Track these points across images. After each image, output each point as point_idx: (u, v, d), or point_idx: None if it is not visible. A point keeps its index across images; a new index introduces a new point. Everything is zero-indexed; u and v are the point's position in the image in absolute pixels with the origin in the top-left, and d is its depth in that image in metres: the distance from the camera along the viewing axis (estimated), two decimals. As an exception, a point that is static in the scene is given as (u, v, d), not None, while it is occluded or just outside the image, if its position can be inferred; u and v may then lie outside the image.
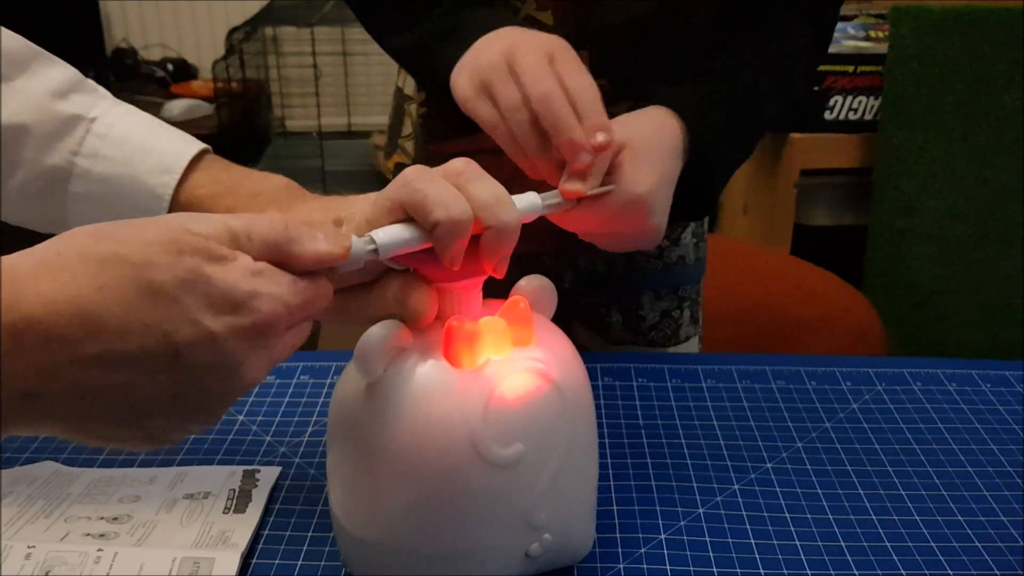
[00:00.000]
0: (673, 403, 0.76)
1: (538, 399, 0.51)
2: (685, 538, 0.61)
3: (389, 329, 0.49)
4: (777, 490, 0.65)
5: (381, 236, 0.48)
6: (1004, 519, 0.63)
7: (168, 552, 0.57)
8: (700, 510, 0.63)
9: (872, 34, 1.74)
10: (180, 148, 0.63)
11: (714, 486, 0.66)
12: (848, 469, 0.68)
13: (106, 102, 0.64)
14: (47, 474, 0.65)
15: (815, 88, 1.67)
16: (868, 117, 1.69)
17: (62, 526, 0.60)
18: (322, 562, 0.58)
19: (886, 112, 1.66)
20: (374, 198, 0.51)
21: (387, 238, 0.48)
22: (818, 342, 1.33)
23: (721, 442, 0.70)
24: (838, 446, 0.70)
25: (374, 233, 0.48)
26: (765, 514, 0.63)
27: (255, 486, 0.64)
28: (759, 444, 0.70)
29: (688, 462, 0.68)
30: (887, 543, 0.61)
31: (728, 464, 0.68)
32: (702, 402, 0.76)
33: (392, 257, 0.49)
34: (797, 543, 0.60)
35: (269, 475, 0.66)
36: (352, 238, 0.47)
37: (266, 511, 0.62)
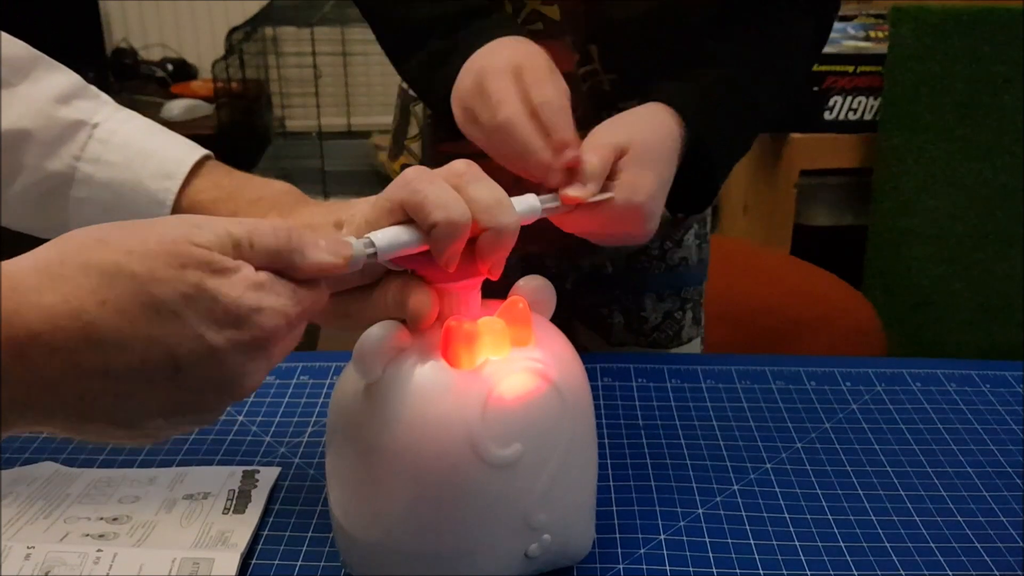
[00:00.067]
0: (673, 403, 0.76)
1: (537, 399, 0.51)
2: (685, 538, 0.61)
3: (388, 330, 0.49)
4: (776, 490, 0.65)
5: (380, 238, 0.48)
6: (1003, 519, 0.63)
7: (168, 553, 0.57)
8: (700, 510, 0.63)
9: (872, 34, 1.74)
10: (182, 153, 0.63)
11: (713, 486, 0.66)
12: (847, 470, 0.68)
13: (108, 108, 0.65)
14: (47, 474, 0.65)
15: (815, 88, 1.67)
16: (868, 117, 1.69)
17: (62, 526, 0.60)
18: (321, 562, 0.58)
19: (886, 112, 1.66)
20: (374, 200, 0.51)
21: (386, 240, 0.48)
22: (818, 342, 1.33)
23: (721, 442, 0.71)
24: (837, 446, 0.70)
25: (373, 235, 0.48)
26: (764, 514, 0.63)
27: (255, 486, 0.64)
28: (759, 444, 0.70)
29: (688, 462, 0.68)
30: (886, 543, 0.61)
31: (728, 464, 0.68)
32: (702, 402, 0.76)
33: (391, 259, 0.49)
34: (796, 543, 0.60)
35: (269, 475, 0.66)
36: (351, 240, 0.47)
37: (266, 511, 0.62)
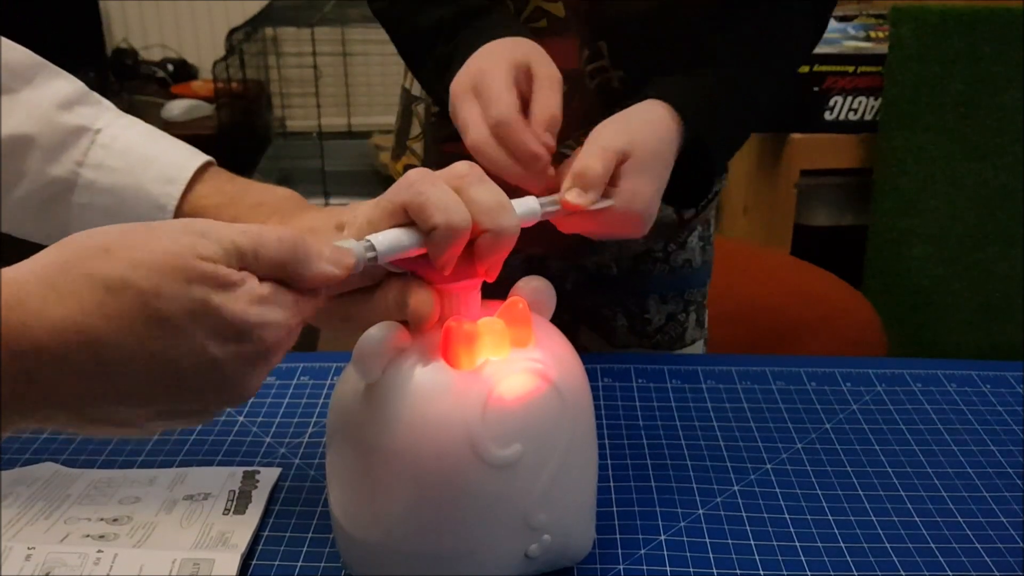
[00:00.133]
0: (673, 404, 0.76)
1: (537, 400, 0.51)
2: (685, 539, 0.61)
3: (388, 330, 0.49)
4: (777, 491, 0.65)
5: (380, 240, 0.48)
6: (1004, 520, 0.63)
7: (168, 553, 0.57)
8: (700, 511, 0.63)
9: (872, 34, 1.74)
10: (184, 159, 0.63)
11: (714, 487, 0.66)
12: (848, 470, 0.68)
13: (111, 114, 0.65)
14: (47, 475, 0.65)
15: (815, 88, 1.67)
16: (868, 117, 1.69)
17: (62, 527, 0.60)
18: (322, 563, 0.58)
19: (886, 112, 1.65)
20: (376, 201, 0.51)
21: (386, 242, 0.48)
22: (818, 343, 1.33)
23: (721, 443, 0.71)
24: (838, 447, 0.70)
25: (373, 237, 0.48)
26: (765, 515, 0.63)
27: (255, 487, 0.64)
28: (759, 445, 0.70)
29: (688, 463, 0.68)
30: (887, 544, 0.61)
31: (728, 465, 0.68)
32: (702, 403, 0.76)
33: (392, 261, 0.49)
34: (797, 544, 0.60)
35: (269, 476, 0.66)
36: (351, 244, 0.47)
37: (266, 512, 0.62)
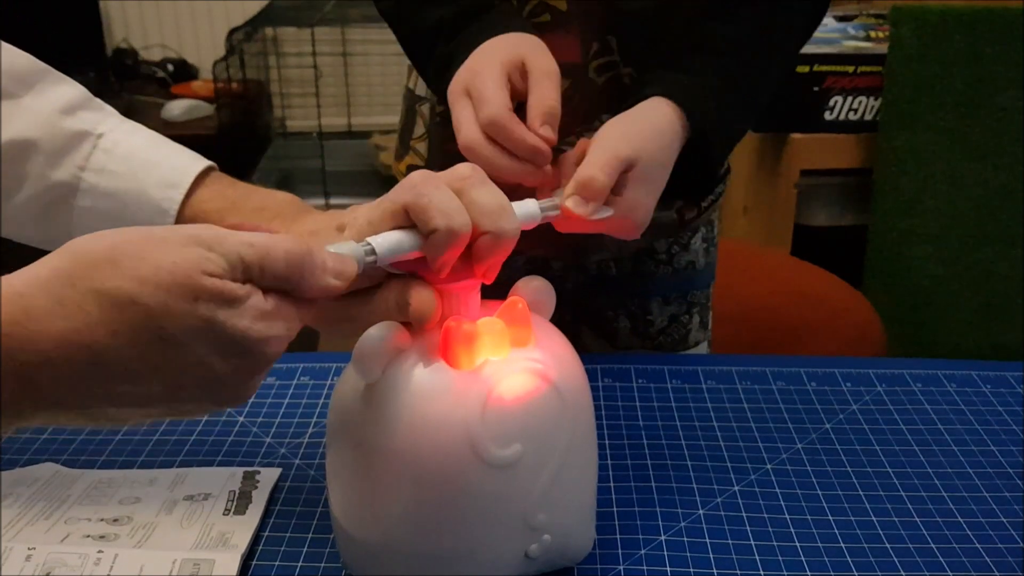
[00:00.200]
0: (673, 404, 0.76)
1: (536, 400, 0.51)
2: (685, 539, 0.61)
3: (387, 330, 0.49)
4: (777, 491, 0.65)
5: (379, 242, 0.48)
6: (1004, 520, 0.63)
7: (168, 554, 0.57)
8: (700, 511, 0.63)
9: (872, 34, 1.74)
10: (186, 164, 0.64)
11: (714, 487, 0.66)
12: (848, 470, 0.68)
13: (113, 119, 0.65)
14: (47, 475, 0.65)
15: (815, 88, 1.67)
16: (868, 117, 1.69)
17: (62, 528, 0.60)
18: (322, 563, 0.58)
19: (886, 112, 1.65)
20: (378, 201, 0.51)
21: (385, 244, 0.48)
22: (818, 343, 1.33)
23: (721, 443, 0.71)
24: (838, 447, 0.70)
25: (373, 239, 0.48)
26: (765, 515, 0.63)
27: (255, 487, 0.64)
28: (759, 445, 0.70)
29: (688, 463, 0.68)
30: (887, 544, 0.61)
31: (728, 465, 0.68)
32: (702, 403, 0.76)
33: (392, 263, 0.49)
34: (797, 544, 0.60)
35: (269, 476, 0.66)
36: (351, 245, 0.48)
37: (266, 512, 0.62)
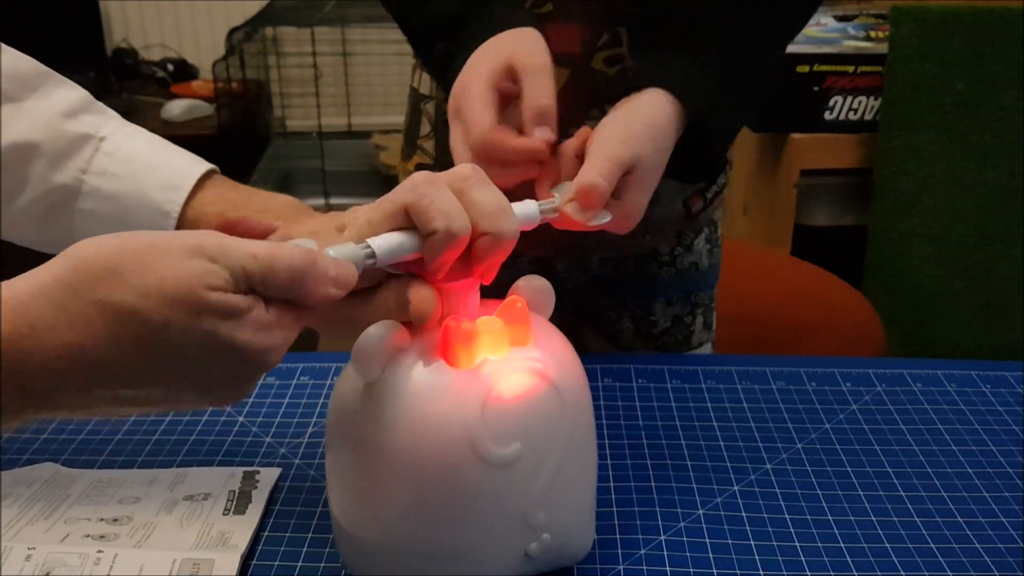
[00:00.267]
0: (673, 404, 0.76)
1: (536, 398, 0.51)
2: (685, 539, 0.61)
3: (387, 329, 0.49)
4: (777, 491, 0.65)
5: (379, 244, 0.48)
6: (1004, 520, 0.63)
7: (168, 554, 0.57)
8: (700, 511, 0.63)
9: (872, 34, 1.74)
10: (188, 167, 0.64)
11: (714, 487, 0.66)
12: (847, 470, 0.68)
13: (115, 123, 0.65)
14: (47, 475, 0.65)
15: (815, 88, 1.67)
16: (868, 117, 1.69)
17: (62, 527, 0.60)
18: (322, 563, 0.58)
19: (886, 112, 1.65)
20: (379, 201, 0.51)
21: (385, 246, 0.49)
22: (818, 343, 1.33)
23: (721, 443, 0.71)
24: (838, 447, 0.70)
25: (372, 241, 0.48)
26: (765, 515, 0.63)
27: (255, 487, 0.64)
28: (759, 445, 0.70)
29: (688, 463, 0.68)
30: (886, 544, 0.61)
31: (728, 465, 0.68)
32: (702, 403, 0.76)
33: (391, 264, 0.49)
34: (797, 544, 0.60)
35: (269, 476, 0.66)
36: (350, 247, 0.48)
37: (266, 512, 0.62)
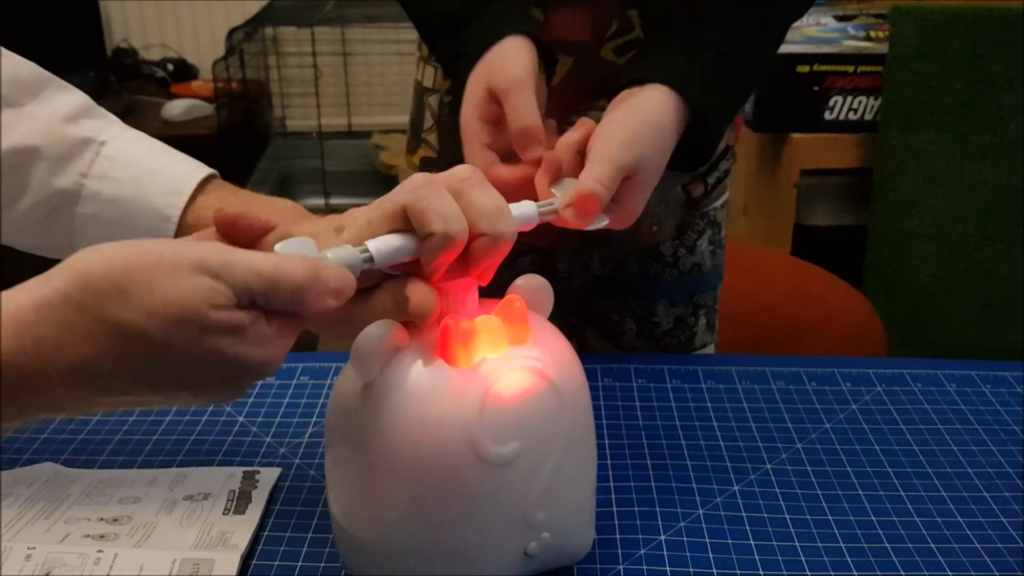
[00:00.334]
0: (673, 404, 0.76)
1: (535, 397, 0.51)
2: (685, 539, 0.61)
3: (385, 328, 0.49)
4: (777, 491, 0.65)
5: (376, 247, 0.48)
6: (1004, 520, 0.63)
7: (168, 553, 0.57)
8: (700, 511, 0.63)
9: (872, 34, 1.74)
10: (188, 171, 0.64)
11: (714, 487, 0.66)
12: (847, 470, 0.68)
13: (116, 127, 0.66)
14: (47, 475, 0.65)
15: (815, 88, 1.67)
16: (868, 117, 1.69)
17: (62, 527, 0.60)
18: (322, 563, 0.58)
19: (886, 112, 1.65)
20: (378, 201, 0.51)
21: (382, 247, 0.49)
22: (818, 343, 1.33)
23: (721, 443, 0.71)
24: (838, 447, 0.70)
25: (370, 243, 0.48)
26: (765, 515, 0.63)
27: (255, 487, 0.64)
28: (759, 445, 0.70)
29: (688, 463, 0.68)
30: (886, 544, 0.61)
31: (728, 465, 0.68)
32: (702, 403, 0.76)
33: (389, 265, 0.49)
34: (796, 544, 0.60)
35: (269, 476, 0.66)
36: (348, 249, 0.48)
37: (266, 512, 0.62)
